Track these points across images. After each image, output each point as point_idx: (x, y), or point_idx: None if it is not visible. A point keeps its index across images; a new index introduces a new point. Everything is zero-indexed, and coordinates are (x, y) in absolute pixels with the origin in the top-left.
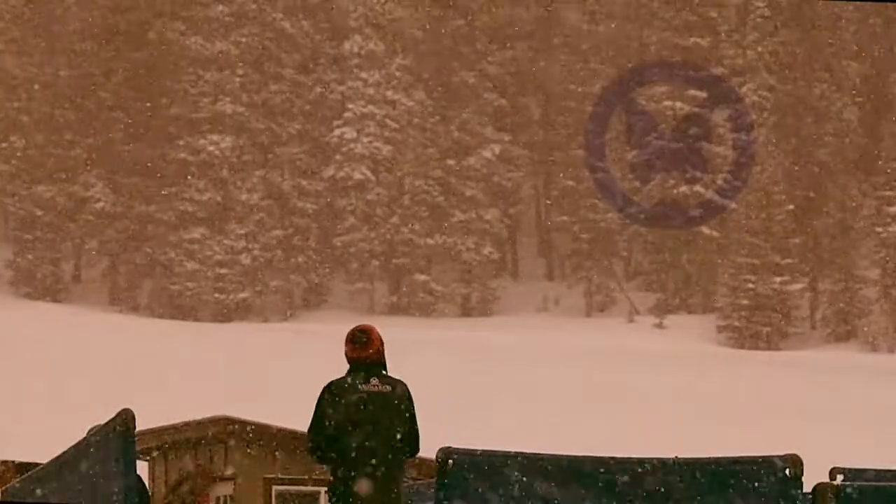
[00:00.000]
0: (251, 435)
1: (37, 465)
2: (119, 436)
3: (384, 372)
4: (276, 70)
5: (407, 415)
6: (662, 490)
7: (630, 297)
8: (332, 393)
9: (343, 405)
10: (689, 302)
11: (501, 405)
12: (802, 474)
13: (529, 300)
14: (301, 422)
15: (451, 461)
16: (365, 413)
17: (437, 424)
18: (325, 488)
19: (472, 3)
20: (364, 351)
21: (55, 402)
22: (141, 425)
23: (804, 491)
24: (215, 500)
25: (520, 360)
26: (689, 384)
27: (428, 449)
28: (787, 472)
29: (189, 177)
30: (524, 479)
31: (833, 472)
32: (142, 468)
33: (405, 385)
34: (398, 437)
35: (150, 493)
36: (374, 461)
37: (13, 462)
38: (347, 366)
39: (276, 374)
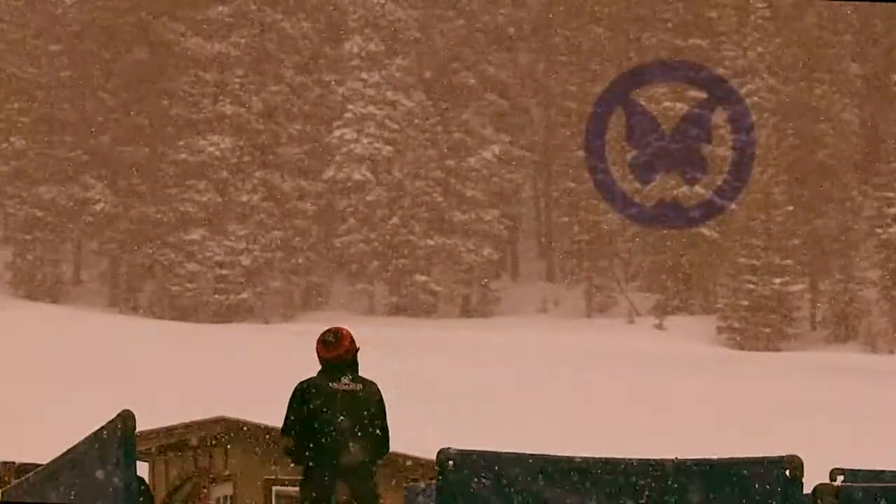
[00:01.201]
0: (251, 435)
1: (37, 465)
2: (119, 436)
3: (356, 372)
4: (276, 71)
5: (377, 414)
6: (662, 491)
7: (630, 298)
8: (303, 392)
9: (314, 404)
10: (689, 303)
11: (501, 406)
12: (802, 475)
13: (529, 301)
14: None
15: (451, 462)
16: (335, 411)
17: (438, 425)
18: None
19: (472, 3)
20: (334, 351)
21: (55, 403)
22: (141, 426)
23: (804, 492)
24: (215, 500)
25: (520, 360)
26: (688, 385)
27: (428, 450)
28: (787, 472)
29: (189, 178)
30: (524, 480)
31: (833, 473)
32: (142, 468)
33: (376, 385)
34: (368, 435)
35: (152, 495)
36: (344, 459)
37: (13, 463)
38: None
39: (275, 374)
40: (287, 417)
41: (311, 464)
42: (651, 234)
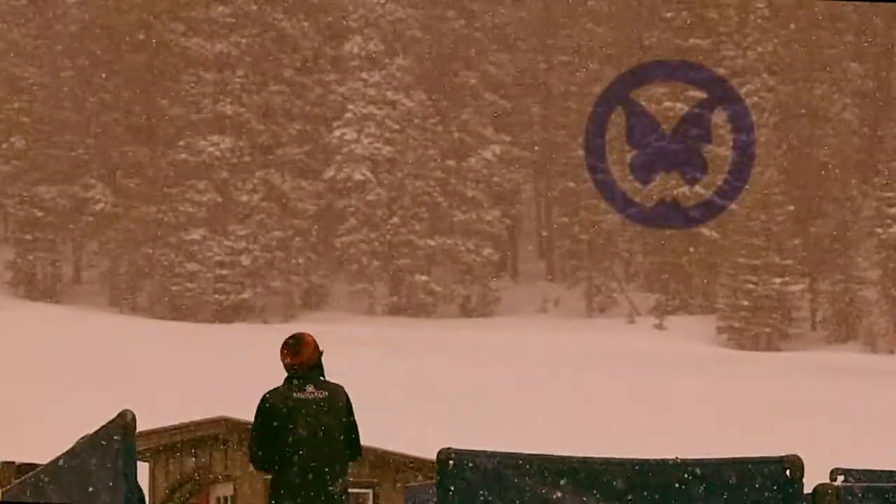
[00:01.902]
0: None
1: (37, 465)
2: (119, 436)
3: (322, 377)
4: (277, 71)
5: (345, 419)
6: (663, 491)
7: (630, 298)
8: (268, 403)
9: (279, 414)
10: (690, 303)
11: (501, 406)
12: (803, 475)
13: (529, 301)
14: None
15: (451, 462)
16: (301, 420)
17: (438, 425)
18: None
19: (472, 3)
20: (296, 357)
21: (55, 403)
22: (141, 426)
23: (804, 492)
24: (215, 500)
25: (520, 360)
26: (688, 385)
27: (428, 450)
28: (787, 472)
29: (189, 178)
30: (524, 480)
31: (833, 473)
32: (142, 468)
33: (343, 389)
34: (337, 441)
35: (145, 497)
36: (312, 468)
37: (14, 463)
38: (339, 370)
39: (275, 374)
40: (253, 428)
41: (279, 477)
42: (651, 234)
